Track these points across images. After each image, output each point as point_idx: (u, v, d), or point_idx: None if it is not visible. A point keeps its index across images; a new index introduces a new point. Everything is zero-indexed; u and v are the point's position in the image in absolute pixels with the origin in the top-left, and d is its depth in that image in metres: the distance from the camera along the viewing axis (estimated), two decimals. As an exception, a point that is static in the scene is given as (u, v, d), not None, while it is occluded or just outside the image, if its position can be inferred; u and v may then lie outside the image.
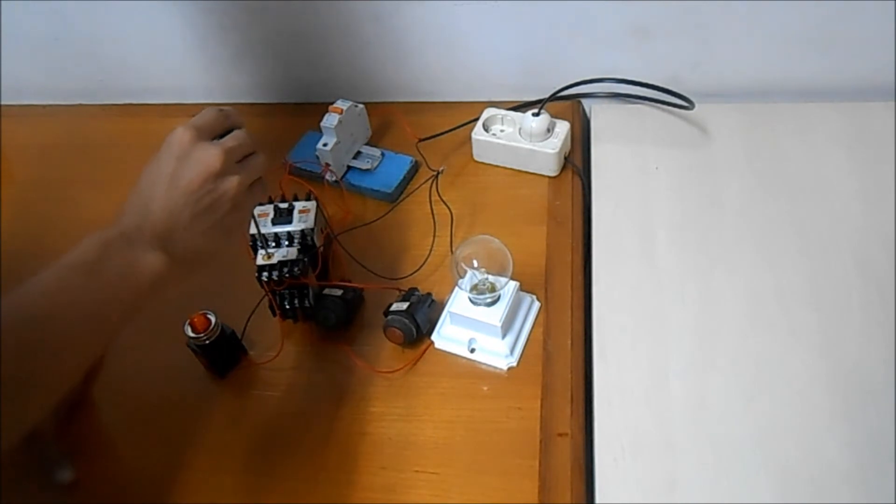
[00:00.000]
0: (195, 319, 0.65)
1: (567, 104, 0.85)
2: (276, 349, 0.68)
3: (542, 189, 0.78)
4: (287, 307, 0.67)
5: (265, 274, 0.65)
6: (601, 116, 0.84)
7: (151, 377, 0.70)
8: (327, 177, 0.80)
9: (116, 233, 0.52)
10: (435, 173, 0.78)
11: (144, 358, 0.70)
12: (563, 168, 0.79)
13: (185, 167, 0.52)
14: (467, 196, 0.78)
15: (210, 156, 0.53)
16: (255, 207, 0.59)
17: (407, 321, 0.65)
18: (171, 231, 0.53)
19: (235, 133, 0.56)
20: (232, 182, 0.54)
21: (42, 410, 0.48)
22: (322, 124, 0.78)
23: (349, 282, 0.71)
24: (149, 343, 0.71)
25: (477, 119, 0.82)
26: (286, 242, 0.67)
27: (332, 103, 0.79)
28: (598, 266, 0.71)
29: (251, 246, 0.67)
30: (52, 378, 0.49)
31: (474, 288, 0.65)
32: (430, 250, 0.74)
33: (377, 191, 0.80)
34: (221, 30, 0.88)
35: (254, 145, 0.57)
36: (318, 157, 0.79)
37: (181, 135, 0.53)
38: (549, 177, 0.79)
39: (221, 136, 0.56)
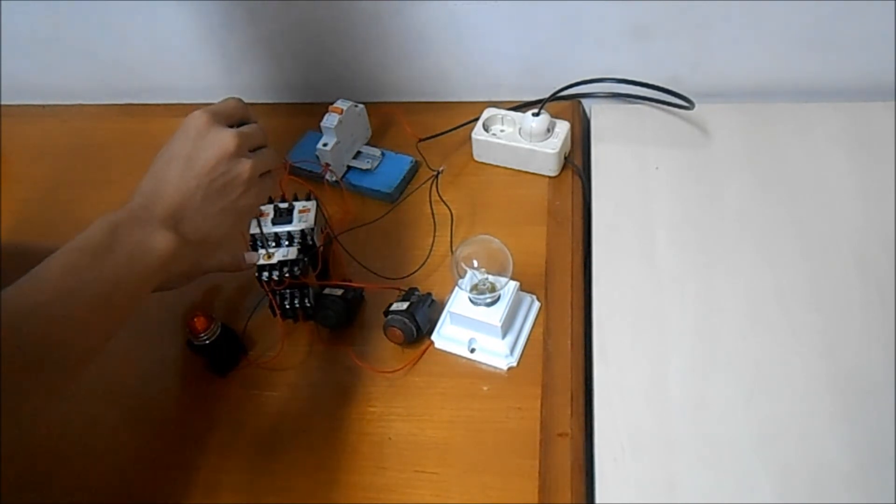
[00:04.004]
0: (195, 319, 0.65)
1: (567, 104, 0.85)
2: (276, 349, 0.68)
3: (542, 189, 0.78)
4: (287, 307, 0.67)
5: (265, 274, 0.65)
6: (601, 116, 0.84)
7: (151, 377, 0.70)
8: (327, 177, 0.80)
9: (126, 214, 0.52)
10: (435, 173, 0.78)
11: (144, 357, 0.70)
12: (563, 168, 0.79)
13: (201, 149, 0.54)
14: (467, 196, 0.78)
15: (225, 138, 0.54)
16: (265, 197, 0.60)
17: (407, 321, 0.65)
18: (182, 211, 0.53)
19: (250, 125, 0.58)
20: (245, 165, 0.55)
21: (56, 394, 0.48)
22: (322, 124, 0.78)
23: (349, 282, 0.71)
24: (149, 343, 0.71)
25: (477, 119, 0.82)
26: (286, 242, 0.67)
27: (332, 103, 0.79)
28: (598, 266, 0.71)
29: (251, 246, 0.67)
30: (64, 363, 0.49)
31: (474, 288, 0.65)
32: (430, 250, 0.74)
33: (377, 191, 0.80)
34: (221, 30, 0.88)
35: (266, 139, 0.58)
36: (318, 157, 0.79)
37: (198, 118, 0.54)
38: (549, 177, 0.79)
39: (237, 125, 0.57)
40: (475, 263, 0.64)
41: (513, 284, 0.65)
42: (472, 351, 0.66)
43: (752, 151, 0.78)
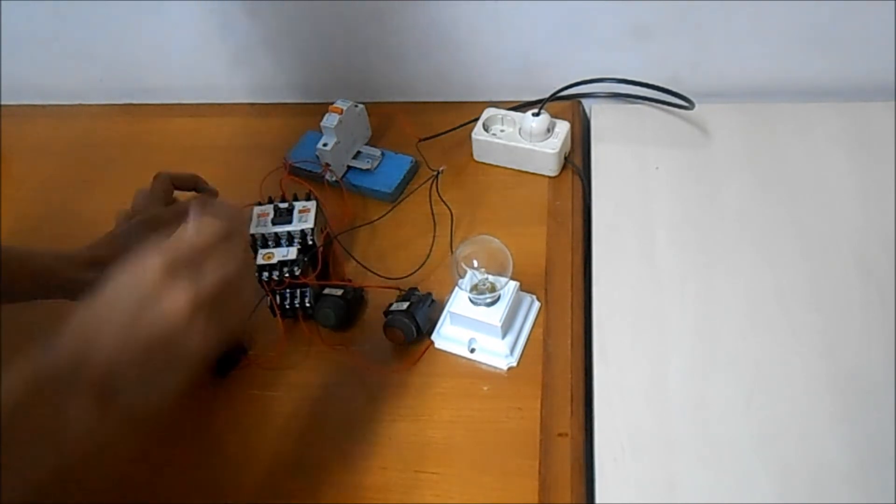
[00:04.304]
0: (195, 319, 0.65)
1: (567, 104, 0.85)
2: (276, 349, 0.68)
3: (542, 189, 0.78)
4: (287, 307, 0.67)
5: (265, 274, 0.65)
6: (601, 116, 0.84)
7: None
8: (327, 177, 0.80)
9: (51, 369, 0.43)
10: (435, 173, 0.78)
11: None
12: (563, 168, 0.79)
13: (144, 316, 0.43)
14: (467, 196, 0.78)
15: (176, 309, 0.43)
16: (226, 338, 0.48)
17: (407, 321, 0.65)
18: (114, 382, 0.43)
19: (221, 254, 0.46)
20: (194, 340, 0.44)
21: None
22: (322, 124, 0.78)
23: (349, 281, 0.71)
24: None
25: (477, 119, 0.82)
26: (286, 242, 0.67)
27: (332, 103, 0.79)
28: (598, 266, 0.71)
29: (251, 246, 0.67)
30: None
31: (474, 288, 0.65)
32: (430, 250, 0.74)
33: (377, 191, 0.80)
34: (222, 30, 0.88)
35: (244, 250, 0.48)
36: (318, 157, 0.79)
37: (152, 269, 0.43)
38: (549, 177, 0.79)
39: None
40: (475, 263, 0.64)
41: (513, 284, 0.65)
42: (472, 351, 0.66)
43: (752, 151, 0.78)
